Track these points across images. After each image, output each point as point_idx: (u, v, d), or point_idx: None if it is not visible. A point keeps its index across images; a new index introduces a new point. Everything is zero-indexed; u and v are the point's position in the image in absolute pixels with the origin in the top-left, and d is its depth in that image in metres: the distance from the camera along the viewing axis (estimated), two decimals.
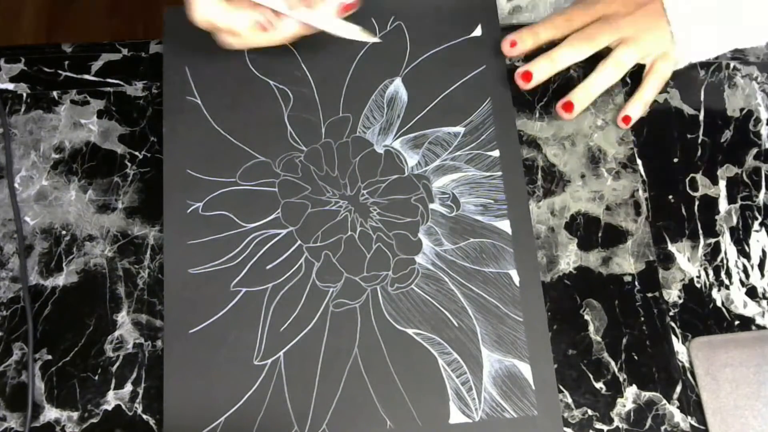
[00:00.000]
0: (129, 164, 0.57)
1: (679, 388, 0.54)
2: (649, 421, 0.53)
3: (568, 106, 0.59)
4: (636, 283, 0.57)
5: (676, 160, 0.61)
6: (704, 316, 0.57)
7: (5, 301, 0.54)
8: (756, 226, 0.59)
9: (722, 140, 0.61)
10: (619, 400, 0.54)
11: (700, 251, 0.58)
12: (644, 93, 0.60)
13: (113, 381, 0.52)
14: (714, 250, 0.58)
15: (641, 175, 0.60)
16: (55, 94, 0.59)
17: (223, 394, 0.51)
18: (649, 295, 0.56)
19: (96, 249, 0.55)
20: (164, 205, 0.55)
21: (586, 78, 0.59)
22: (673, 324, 0.56)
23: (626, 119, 0.60)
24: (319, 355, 0.53)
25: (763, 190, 0.60)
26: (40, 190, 0.56)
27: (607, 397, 0.54)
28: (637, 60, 0.59)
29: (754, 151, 0.61)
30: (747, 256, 0.58)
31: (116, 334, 0.53)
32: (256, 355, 0.52)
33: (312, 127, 0.58)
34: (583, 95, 0.59)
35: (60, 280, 0.54)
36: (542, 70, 0.58)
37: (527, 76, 0.58)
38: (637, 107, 0.59)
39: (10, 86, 0.58)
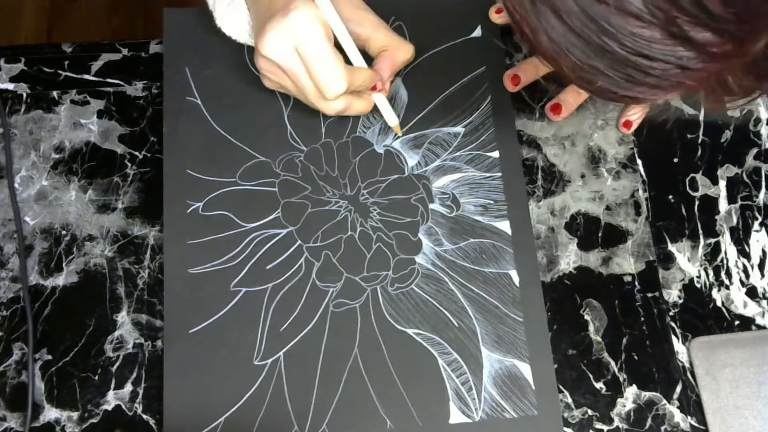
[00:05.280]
0: (129, 164, 0.57)
1: (679, 388, 0.54)
2: (649, 421, 0.53)
3: (556, 108, 0.59)
4: (636, 283, 0.57)
5: (676, 160, 0.61)
6: (704, 316, 0.57)
7: (5, 301, 0.53)
8: (756, 226, 0.59)
9: (722, 140, 0.61)
10: (619, 400, 0.54)
11: (700, 251, 0.58)
12: None
13: (113, 381, 0.52)
14: (714, 250, 0.58)
15: (641, 175, 0.60)
16: (55, 94, 0.58)
17: (223, 394, 0.51)
18: (649, 295, 0.56)
19: (96, 249, 0.55)
20: (164, 205, 0.55)
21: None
22: (673, 324, 0.56)
23: (627, 124, 0.60)
24: (319, 355, 0.53)
25: (763, 190, 0.60)
26: (40, 190, 0.56)
27: (607, 397, 0.54)
28: None
29: (754, 151, 0.61)
30: (747, 256, 0.58)
31: (116, 334, 0.53)
32: (256, 355, 0.52)
33: (312, 127, 0.58)
34: (572, 98, 0.59)
35: (60, 280, 0.54)
36: (528, 74, 0.59)
37: (516, 79, 0.59)
38: (637, 111, 0.59)
39: (10, 86, 0.58)
